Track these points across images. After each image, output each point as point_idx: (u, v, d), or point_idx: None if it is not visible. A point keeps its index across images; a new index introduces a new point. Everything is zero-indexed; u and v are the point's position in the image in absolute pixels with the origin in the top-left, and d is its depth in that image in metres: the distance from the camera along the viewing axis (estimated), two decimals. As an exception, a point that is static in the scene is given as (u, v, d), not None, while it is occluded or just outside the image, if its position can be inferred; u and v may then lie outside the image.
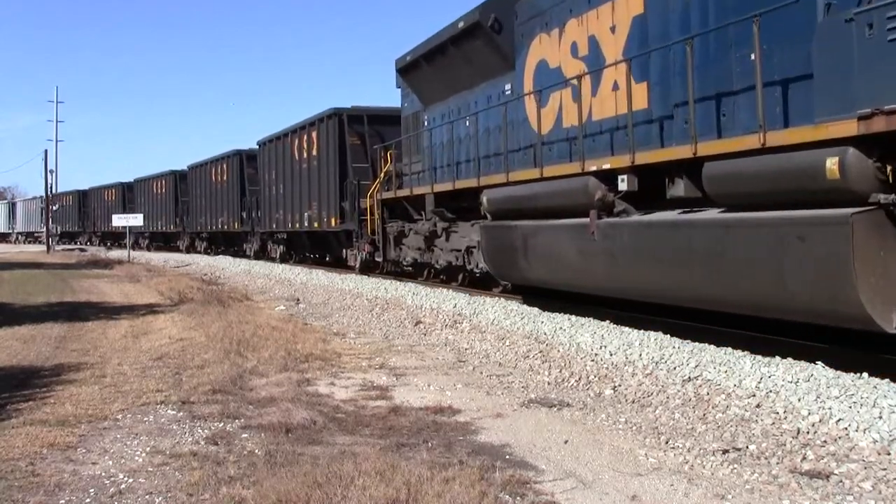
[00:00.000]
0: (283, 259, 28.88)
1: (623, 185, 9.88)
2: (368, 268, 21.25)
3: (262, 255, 31.40)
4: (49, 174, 54.04)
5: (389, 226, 18.83)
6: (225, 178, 34.94)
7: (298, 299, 17.01)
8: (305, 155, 25.12)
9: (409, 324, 12.39)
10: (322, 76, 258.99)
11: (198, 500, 4.67)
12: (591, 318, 10.90)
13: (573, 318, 10.93)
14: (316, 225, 24.04)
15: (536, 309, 12.04)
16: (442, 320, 12.16)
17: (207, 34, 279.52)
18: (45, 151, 53.64)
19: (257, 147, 30.98)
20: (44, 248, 50.66)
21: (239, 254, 34.69)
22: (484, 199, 13.40)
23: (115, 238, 53.07)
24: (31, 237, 72.19)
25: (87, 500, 4.76)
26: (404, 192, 17.87)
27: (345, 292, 17.25)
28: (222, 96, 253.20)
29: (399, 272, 19.58)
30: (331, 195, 22.66)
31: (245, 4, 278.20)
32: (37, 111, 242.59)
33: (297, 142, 26.07)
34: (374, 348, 10.27)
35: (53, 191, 59.63)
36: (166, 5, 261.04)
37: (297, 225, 25.88)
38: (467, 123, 14.91)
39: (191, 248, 41.42)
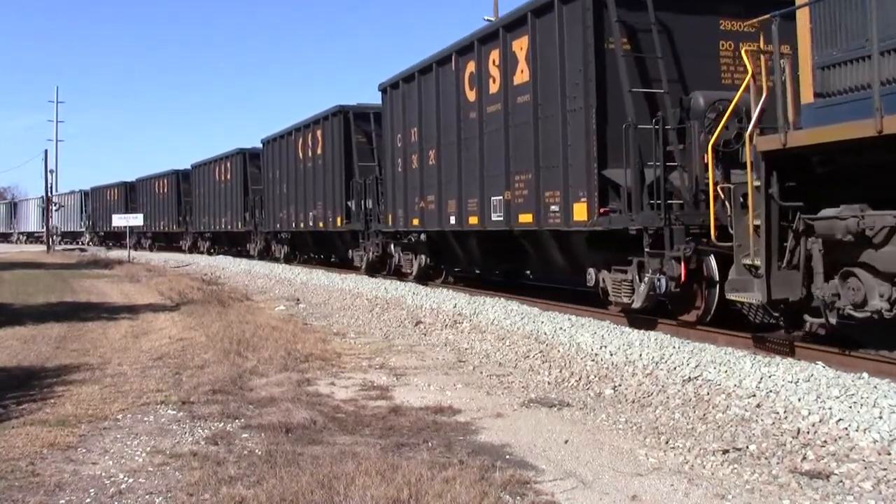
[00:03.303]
0: (425, 277, 17.55)
1: None
2: (660, 310, 10.47)
3: (380, 266, 19.89)
4: (49, 174, 54.04)
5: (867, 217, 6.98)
6: (319, 150, 23.01)
7: (298, 299, 17.02)
8: (496, 88, 13.05)
9: (410, 324, 12.39)
10: (326, 73, 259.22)
11: (198, 500, 4.67)
12: (591, 319, 10.90)
13: (573, 318, 10.93)
14: (555, 220, 11.51)
15: (537, 309, 12.04)
16: (442, 320, 12.17)
17: (209, 30, 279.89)
18: (46, 151, 53.66)
19: (380, 94, 18.69)
20: (44, 247, 50.71)
21: (341, 264, 23.87)
22: None
23: (169, 240, 44.17)
24: (68, 238, 61.83)
25: (88, 500, 4.77)
26: None
27: (345, 292, 17.25)
28: (227, 92, 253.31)
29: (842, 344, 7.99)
30: (578, 158, 10.87)
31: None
32: (37, 111, 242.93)
33: (468, 71, 13.96)
34: (374, 348, 10.28)
35: (54, 191, 59.51)
36: (168, 2, 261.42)
37: (482, 219, 13.64)
38: None
39: (265, 254, 29.94)
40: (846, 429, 5.62)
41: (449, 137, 14.95)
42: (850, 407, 5.90)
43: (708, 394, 6.87)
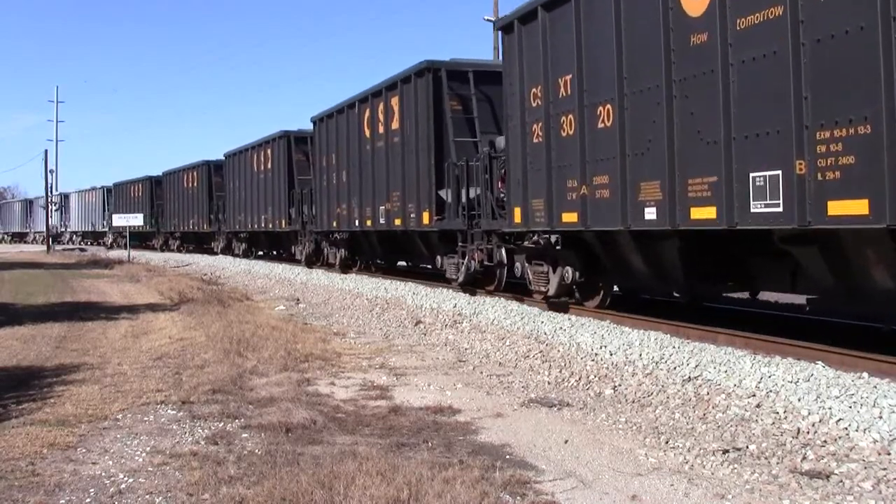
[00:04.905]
0: (566, 294, 12.07)
1: None
2: None
3: (483, 280, 14.76)
4: (49, 174, 54.05)
5: None
6: (395, 125, 17.53)
7: (298, 299, 17.01)
8: None
9: (410, 324, 12.39)
10: (329, 70, 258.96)
11: (198, 500, 4.67)
12: (591, 318, 10.90)
13: (573, 317, 10.93)
14: None
15: (537, 309, 12.04)
16: (442, 320, 12.17)
17: (209, 29, 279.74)
18: (46, 151, 53.63)
19: (499, 35, 13.63)
20: (43, 247, 50.67)
21: (419, 273, 19.86)
22: None
23: (199, 241, 38.68)
24: (89, 238, 57.57)
25: (87, 499, 4.76)
26: None
27: (345, 292, 17.25)
28: (230, 90, 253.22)
29: None
30: None
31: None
32: (37, 111, 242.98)
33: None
34: (374, 348, 10.28)
35: (53, 191, 59.47)
36: (169, 2, 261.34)
37: (727, 210, 7.88)
38: None
39: (314, 259, 24.22)
40: (846, 429, 5.63)
41: (641, 83, 9.15)
42: (850, 407, 5.90)
43: (708, 394, 6.87)
